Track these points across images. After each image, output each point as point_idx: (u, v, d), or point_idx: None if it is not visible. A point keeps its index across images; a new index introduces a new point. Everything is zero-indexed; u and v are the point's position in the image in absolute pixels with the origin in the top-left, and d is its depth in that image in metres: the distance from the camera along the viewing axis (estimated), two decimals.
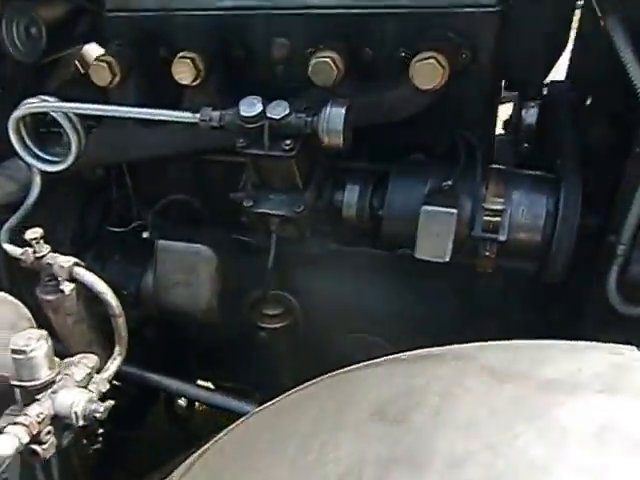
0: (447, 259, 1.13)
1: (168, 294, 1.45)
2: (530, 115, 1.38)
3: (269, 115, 1.14)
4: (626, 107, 1.18)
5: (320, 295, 1.48)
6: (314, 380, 0.93)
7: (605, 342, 0.83)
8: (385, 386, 0.84)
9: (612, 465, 0.63)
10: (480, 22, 1.19)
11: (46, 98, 1.38)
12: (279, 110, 1.13)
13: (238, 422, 0.98)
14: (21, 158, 1.50)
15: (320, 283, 1.48)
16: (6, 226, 1.45)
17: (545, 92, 1.40)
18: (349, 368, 0.92)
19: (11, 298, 1.22)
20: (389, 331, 1.43)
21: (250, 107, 1.14)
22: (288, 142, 1.15)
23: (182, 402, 1.91)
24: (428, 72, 1.13)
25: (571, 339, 0.84)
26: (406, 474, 0.67)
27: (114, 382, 1.33)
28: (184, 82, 1.28)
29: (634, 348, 0.81)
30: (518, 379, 0.77)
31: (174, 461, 1.33)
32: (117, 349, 1.26)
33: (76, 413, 1.08)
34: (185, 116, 1.24)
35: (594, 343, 0.83)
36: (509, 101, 1.51)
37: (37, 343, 1.07)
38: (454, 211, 1.11)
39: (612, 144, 1.28)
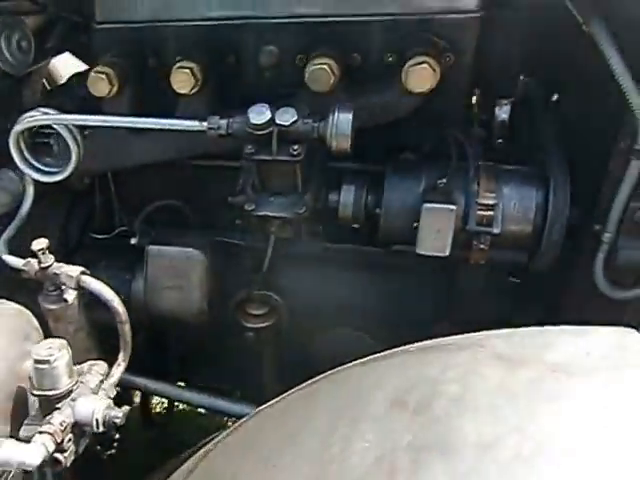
0: (447, 253, 1.20)
1: (159, 298, 1.47)
2: (503, 112, 1.44)
3: (278, 122, 1.18)
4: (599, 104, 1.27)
5: (305, 293, 1.53)
6: (320, 376, 0.95)
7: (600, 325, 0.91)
8: (400, 377, 0.87)
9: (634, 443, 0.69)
10: (462, 27, 1.26)
11: (47, 111, 1.39)
12: (287, 117, 1.17)
13: (241, 422, 1.01)
14: (14, 169, 1.50)
15: (306, 281, 1.53)
16: (3, 238, 1.45)
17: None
18: (355, 363, 0.95)
19: (23, 309, 1.23)
20: (373, 326, 1.49)
21: (259, 114, 1.18)
22: (296, 147, 1.19)
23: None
24: (421, 76, 1.19)
25: (560, 324, 0.90)
26: (440, 459, 0.71)
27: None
28: (182, 91, 1.30)
29: (633, 330, 0.88)
30: (529, 364, 0.82)
31: (164, 467, 1.36)
32: (121, 355, 1.27)
33: (97, 420, 1.10)
34: (192, 125, 1.26)
35: (595, 327, 0.88)
36: None
37: (59, 353, 1.09)
38: (453, 207, 1.18)
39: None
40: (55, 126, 1.40)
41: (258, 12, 1.34)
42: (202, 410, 2.43)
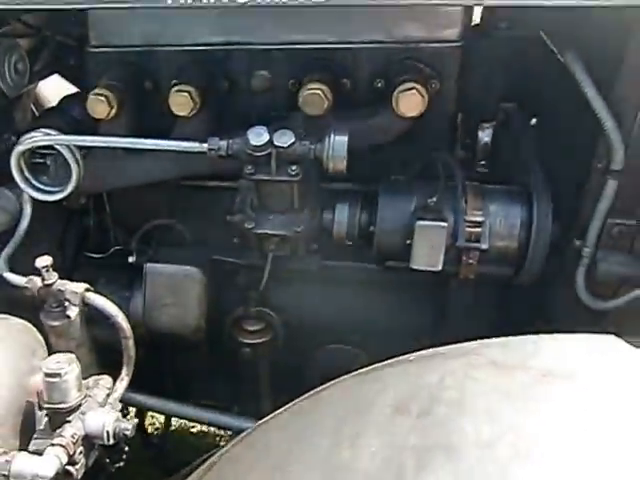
0: (440, 268, 1.27)
1: (158, 315, 1.51)
2: (486, 135, 1.53)
3: (276, 143, 1.24)
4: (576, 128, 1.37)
5: (301, 310, 1.58)
6: (322, 386, 0.99)
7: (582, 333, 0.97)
8: (401, 385, 0.92)
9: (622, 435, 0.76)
10: (445, 56, 1.36)
11: (49, 132, 1.42)
12: (285, 139, 1.23)
13: (244, 434, 1.03)
14: (10, 188, 1.52)
15: (301, 298, 1.59)
16: (3, 256, 1.47)
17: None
18: (356, 373, 0.99)
19: (28, 325, 1.25)
20: (366, 341, 1.55)
21: (258, 136, 1.24)
22: (294, 168, 1.25)
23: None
24: (411, 101, 1.27)
25: (547, 332, 0.96)
26: (445, 459, 0.75)
27: None
28: (181, 114, 1.35)
29: (612, 337, 0.94)
30: (520, 369, 0.88)
31: None
32: (125, 370, 1.30)
33: (108, 432, 1.12)
34: (193, 146, 1.31)
35: (579, 334, 0.95)
36: None
37: (69, 366, 1.12)
38: (445, 224, 1.25)
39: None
40: (57, 146, 1.42)
41: (249, 38, 1.41)
42: (194, 430, 2.47)
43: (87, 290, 1.30)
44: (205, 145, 1.30)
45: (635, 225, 1.27)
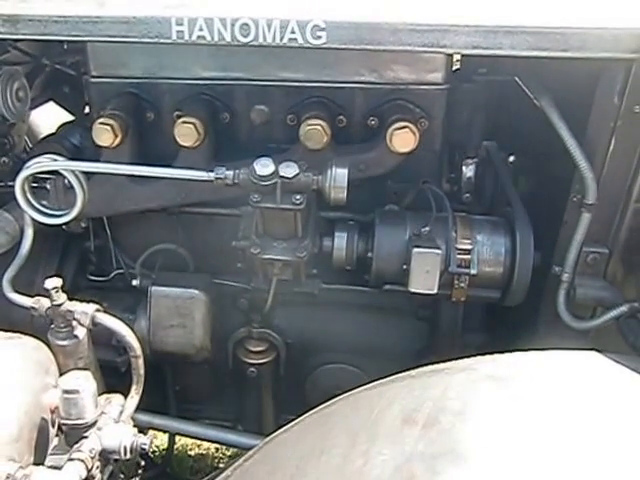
0: (435, 291, 1.36)
1: (163, 336, 1.56)
2: (470, 170, 1.67)
3: (282, 174, 1.31)
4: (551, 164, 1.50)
5: (302, 331, 1.66)
6: (331, 401, 1.05)
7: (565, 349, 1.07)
8: (407, 398, 0.98)
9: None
10: (432, 97, 1.48)
11: (55, 157, 1.46)
12: (290, 170, 1.31)
13: (256, 448, 1.07)
14: (9, 211, 1.57)
15: (303, 320, 1.67)
16: (6, 277, 1.50)
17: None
18: (362, 388, 1.06)
19: (41, 343, 1.27)
20: (365, 361, 1.64)
21: (264, 167, 1.31)
22: (298, 197, 1.33)
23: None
24: (404, 138, 1.39)
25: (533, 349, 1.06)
26: (454, 464, 0.82)
27: None
28: (186, 144, 1.43)
29: (593, 352, 1.05)
30: (514, 382, 0.97)
31: None
32: (134, 388, 1.34)
33: (125, 447, 1.16)
34: (200, 174, 1.37)
35: (563, 352, 1.05)
36: None
37: (87, 383, 1.15)
38: (439, 251, 1.35)
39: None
40: (62, 172, 1.47)
41: (247, 74, 1.50)
42: (193, 453, 2.48)
43: (97, 310, 1.34)
44: (212, 174, 1.36)
45: (607, 253, 1.40)
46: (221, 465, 2.23)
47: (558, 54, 1.18)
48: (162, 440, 2.20)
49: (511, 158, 1.73)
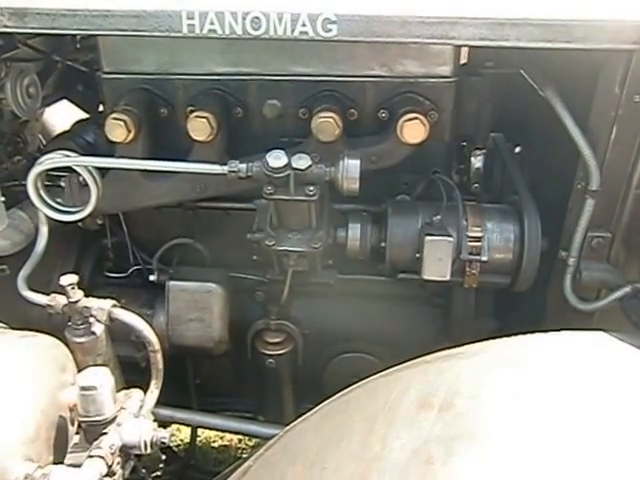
0: (448, 278, 1.39)
1: (182, 330, 1.59)
2: (478, 161, 1.70)
3: (295, 166, 1.33)
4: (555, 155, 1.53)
5: (319, 321, 1.69)
6: (349, 389, 1.07)
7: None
8: (422, 383, 1.00)
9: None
10: (441, 89, 1.51)
11: (68, 153, 1.47)
12: (303, 162, 1.34)
13: (276, 438, 1.09)
14: (23, 209, 1.59)
15: (319, 310, 1.70)
16: (21, 276, 1.51)
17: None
18: (379, 375, 1.08)
19: (57, 341, 1.28)
20: (381, 349, 1.67)
21: (277, 159, 1.33)
22: (311, 189, 1.35)
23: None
24: (415, 129, 1.41)
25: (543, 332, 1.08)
26: (471, 446, 0.84)
27: None
28: (199, 138, 1.45)
29: (600, 332, 1.08)
30: (526, 365, 1.00)
31: None
32: (154, 382, 1.36)
33: (145, 442, 1.17)
34: (214, 168, 1.40)
35: (572, 332, 1.07)
36: None
37: (105, 379, 1.16)
38: (451, 239, 1.38)
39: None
40: (76, 168, 1.48)
41: (259, 69, 1.53)
42: (216, 444, 2.51)
43: (114, 306, 1.36)
44: (225, 167, 1.39)
45: (610, 237, 1.44)
46: (244, 455, 2.26)
47: (562, 45, 1.21)
48: (185, 434, 2.24)
49: (517, 149, 1.77)
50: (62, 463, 1.14)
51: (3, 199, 1.50)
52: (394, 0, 1.23)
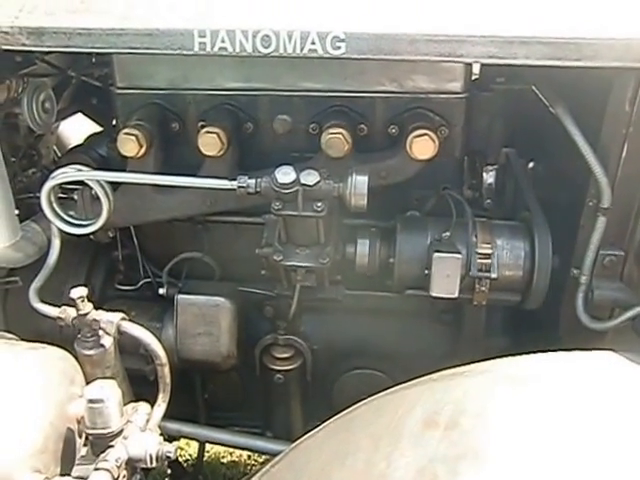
0: (456, 295, 1.38)
1: (190, 344, 1.59)
2: (490, 177, 1.69)
3: (303, 182, 1.34)
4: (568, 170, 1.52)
5: (327, 337, 1.69)
6: (355, 406, 1.07)
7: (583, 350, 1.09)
8: (428, 401, 1.00)
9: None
10: (451, 105, 1.51)
11: (81, 167, 1.49)
12: (311, 178, 1.34)
13: (282, 454, 1.09)
14: (37, 221, 1.60)
15: (327, 326, 1.70)
16: (33, 288, 1.53)
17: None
18: (385, 392, 1.08)
19: (66, 353, 1.29)
20: (389, 365, 1.66)
21: (286, 175, 1.34)
22: (319, 204, 1.35)
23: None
24: (424, 146, 1.41)
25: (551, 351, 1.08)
26: (476, 465, 0.84)
27: None
28: (210, 153, 1.46)
29: (610, 352, 1.07)
30: (533, 383, 0.99)
31: None
32: (161, 396, 1.36)
33: (151, 456, 1.17)
34: (223, 183, 1.41)
35: (580, 352, 1.07)
36: None
37: (111, 392, 1.17)
38: (460, 256, 1.38)
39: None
40: (88, 182, 1.50)
41: (270, 85, 1.54)
42: (225, 460, 2.51)
43: (122, 319, 1.37)
44: (234, 182, 1.40)
45: (623, 255, 1.42)
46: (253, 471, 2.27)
47: (571, 63, 1.21)
48: (194, 449, 2.24)
49: (531, 164, 1.76)
50: (69, 475, 1.15)
51: (17, 212, 1.52)
52: (403, 18, 1.24)
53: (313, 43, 1.23)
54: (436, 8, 1.25)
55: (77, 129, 2.10)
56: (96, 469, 1.11)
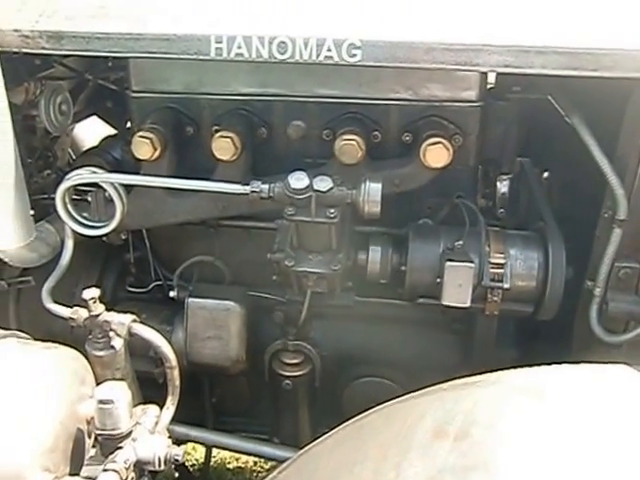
0: (468, 304, 1.37)
1: (200, 348, 1.60)
2: (504, 186, 1.68)
3: (316, 188, 1.34)
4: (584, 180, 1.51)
5: (337, 343, 1.68)
6: (365, 414, 1.06)
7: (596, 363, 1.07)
8: (439, 411, 0.99)
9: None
10: (466, 114, 1.51)
11: (95, 170, 1.51)
12: (324, 184, 1.34)
13: (290, 461, 1.08)
14: (51, 222, 1.60)
15: (337, 333, 1.69)
16: (46, 288, 1.54)
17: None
18: (395, 401, 1.07)
19: (77, 353, 1.30)
20: (399, 374, 1.66)
21: (299, 181, 1.34)
22: (332, 211, 1.35)
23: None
24: (438, 154, 1.41)
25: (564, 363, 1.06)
26: (486, 477, 0.82)
27: None
28: (223, 158, 1.46)
29: (623, 366, 1.05)
30: (545, 395, 0.97)
31: None
32: (170, 399, 1.36)
33: (159, 458, 1.17)
34: (236, 188, 1.41)
35: (593, 364, 1.05)
36: None
37: (121, 394, 1.17)
38: (472, 265, 1.37)
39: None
40: (102, 184, 1.51)
41: (285, 91, 1.54)
42: (231, 466, 2.51)
43: (134, 321, 1.38)
44: (248, 187, 1.40)
45: (638, 268, 1.41)
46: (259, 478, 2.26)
47: (588, 73, 1.20)
48: (201, 453, 2.23)
49: (545, 174, 1.75)
50: (78, 475, 1.16)
51: (32, 212, 1.54)
52: (419, 26, 1.24)
53: (329, 50, 1.23)
54: (452, 17, 1.25)
55: (91, 131, 2.12)
56: (105, 470, 1.12)
